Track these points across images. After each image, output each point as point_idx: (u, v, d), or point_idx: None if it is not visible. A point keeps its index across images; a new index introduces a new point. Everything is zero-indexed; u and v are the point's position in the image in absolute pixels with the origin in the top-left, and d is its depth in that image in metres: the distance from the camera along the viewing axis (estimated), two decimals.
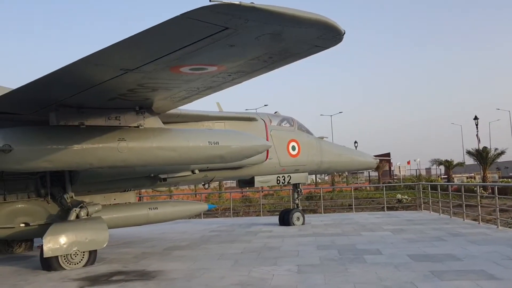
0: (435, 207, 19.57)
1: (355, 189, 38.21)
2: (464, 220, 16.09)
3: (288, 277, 8.11)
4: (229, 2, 4.05)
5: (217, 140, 10.17)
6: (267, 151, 14.96)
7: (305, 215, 17.36)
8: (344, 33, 5.13)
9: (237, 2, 4.13)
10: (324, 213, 24.80)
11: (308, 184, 54.61)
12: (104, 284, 8.21)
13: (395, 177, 72.44)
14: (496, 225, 13.84)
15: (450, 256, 9.31)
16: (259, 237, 13.67)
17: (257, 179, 15.69)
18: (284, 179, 16.40)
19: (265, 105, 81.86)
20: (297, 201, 17.31)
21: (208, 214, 26.80)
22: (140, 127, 9.36)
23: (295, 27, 4.79)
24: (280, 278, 8.05)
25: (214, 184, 32.85)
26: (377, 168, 70.05)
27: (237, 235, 14.44)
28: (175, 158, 9.64)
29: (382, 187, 31.93)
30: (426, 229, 14.03)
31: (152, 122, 9.58)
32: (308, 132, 17.11)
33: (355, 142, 68.85)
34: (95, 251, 10.27)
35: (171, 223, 19.51)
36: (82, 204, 10.75)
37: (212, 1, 3.99)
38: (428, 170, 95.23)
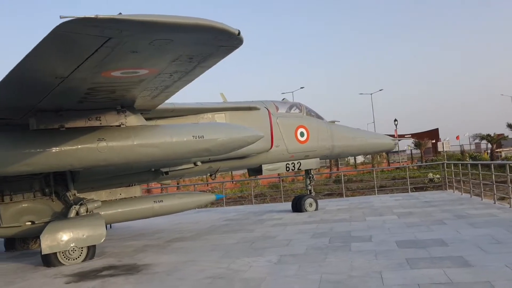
0: (464, 187, 18.82)
1: (397, 168, 37.56)
2: (482, 200, 15.54)
3: (263, 268, 8.16)
4: (82, 17, 4.10)
5: (202, 134, 10.25)
6: (272, 139, 15.02)
7: (327, 199, 17.25)
8: (239, 33, 5.09)
9: (93, 16, 4.15)
10: (351, 196, 24.67)
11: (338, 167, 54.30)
12: (90, 280, 8.53)
13: (438, 154, 70.32)
14: (509, 204, 13.30)
15: (438, 241, 9.08)
16: (264, 226, 13.75)
17: (265, 167, 15.70)
18: (294, 166, 16.34)
19: (301, 88, 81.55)
20: (309, 187, 17.20)
21: (234, 201, 27.28)
22: (122, 125, 9.56)
23: (178, 32, 4.80)
24: (255, 270, 8.12)
25: (243, 172, 33.05)
26: (419, 146, 68.89)
27: (244, 224, 14.58)
28: (158, 154, 9.80)
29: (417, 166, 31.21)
30: (435, 211, 13.68)
31: (134, 120, 9.75)
32: (318, 117, 16.91)
33: (395, 120, 67.30)
34: (94, 246, 10.64)
35: (192, 212, 19.97)
36: (82, 201, 11.15)
37: (62, 18, 4.05)
38: (477, 144, 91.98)
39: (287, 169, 16.28)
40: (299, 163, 16.36)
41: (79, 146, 8.92)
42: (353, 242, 9.86)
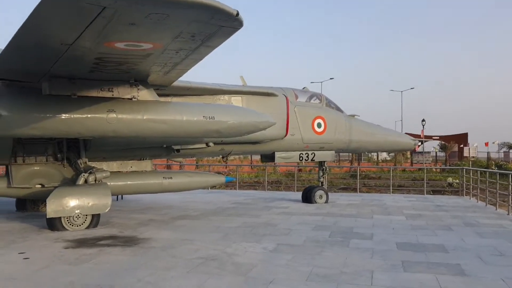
0: (481, 194, 18.41)
1: (419, 169, 36.92)
2: (496, 209, 15.15)
3: (257, 255, 8.15)
4: None
5: (213, 115, 10.23)
6: (287, 127, 14.90)
7: (340, 193, 17.06)
8: (238, 14, 4.99)
9: None
10: (367, 192, 24.41)
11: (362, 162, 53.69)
12: (87, 247, 8.68)
13: (464, 159, 68.87)
14: None
15: (440, 247, 8.90)
16: (270, 213, 13.72)
17: (278, 154, 15.62)
18: (307, 156, 16.20)
19: (330, 78, 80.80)
20: (321, 179, 17.06)
21: (248, 185, 27.35)
22: (134, 99, 9.60)
23: (173, 8, 4.74)
24: (249, 255, 8.11)
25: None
26: (444, 148, 67.60)
27: (250, 209, 14.58)
28: (167, 131, 9.83)
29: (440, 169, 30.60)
30: (445, 216, 13.40)
31: (147, 94, 9.78)
32: (338, 109, 16.69)
33: (423, 120, 66.17)
34: (98, 215, 10.82)
35: (204, 192, 20.12)
36: (91, 170, 11.31)
37: None
38: (506, 153, 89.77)
39: (301, 158, 16.15)
40: (313, 154, 16.21)
41: (89, 115, 9.00)
42: (353, 238, 9.75)
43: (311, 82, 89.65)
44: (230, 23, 5.38)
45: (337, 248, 8.80)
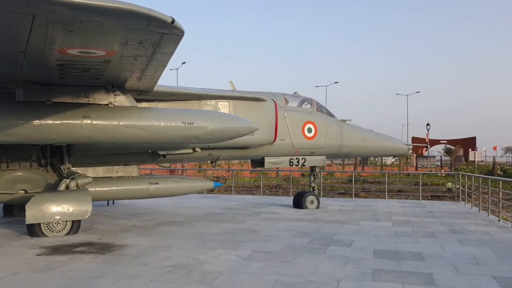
0: (475, 201, 18.18)
1: (423, 174, 36.45)
2: (488, 215, 14.94)
3: (229, 263, 8.06)
4: None
5: (192, 121, 10.17)
6: (276, 132, 14.80)
7: (334, 198, 16.94)
8: (173, 21, 4.93)
9: None
10: (365, 197, 24.17)
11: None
12: (60, 254, 8.63)
13: (470, 163, 68.27)
14: (511, 223, 12.73)
15: (417, 255, 8.75)
16: (257, 219, 13.63)
17: (267, 160, 15.54)
18: (298, 161, 16.10)
19: (335, 82, 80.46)
20: (313, 184, 16.95)
21: (247, 190, 27.25)
22: (110, 105, 9.57)
23: (103, 15, 4.71)
24: (220, 263, 8.02)
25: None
26: (449, 153, 67.09)
27: (239, 215, 14.49)
28: (145, 137, 9.77)
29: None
30: (433, 222, 13.24)
31: (124, 100, 9.74)
32: (329, 114, 16.60)
33: (427, 124, 65.62)
34: (79, 221, 10.78)
35: (198, 197, 20.06)
36: (73, 176, 11.29)
37: None
38: None
39: (291, 164, 16.05)
40: (304, 159, 16.12)
41: (63, 121, 8.98)
42: (332, 245, 9.63)
43: (316, 86, 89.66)
44: (169, 30, 5.35)
45: (312, 255, 8.68)
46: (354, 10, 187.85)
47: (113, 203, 17.11)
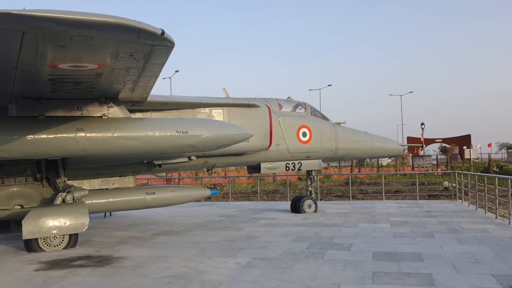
0: (472, 199, 18.20)
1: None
2: (485, 213, 14.97)
3: (228, 271, 8.04)
4: None
5: (186, 130, 10.16)
6: (270, 137, 14.81)
7: (332, 202, 16.93)
8: (163, 33, 4.96)
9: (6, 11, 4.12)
10: (363, 199, 24.16)
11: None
12: (58, 269, 8.57)
13: (466, 161, 68.43)
14: (509, 220, 12.77)
15: (416, 256, 8.76)
16: (254, 225, 13.61)
17: (263, 165, 15.53)
18: (294, 166, 16.09)
19: (329, 85, 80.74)
20: (310, 188, 16.95)
21: (245, 196, 27.19)
22: (104, 117, 9.55)
23: (92, 29, 4.72)
24: (219, 271, 8.00)
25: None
26: (444, 151, 67.29)
27: (236, 222, 14.46)
28: (139, 148, 9.76)
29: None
30: (431, 222, 13.27)
31: (118, 112, 9.73)
32: (323, 117, 16.62)
33: (422, 124, 65.83)
34: (76, 234, 10.72)
35: (195, 205, 20.01)
36: (69, 189, 11.25)
37: None
38: (510, 154, 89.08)
39: (287, 168, 16.05)
40: (300, 164, 16.11)
41: (57, 135, 8.95)
42: (330, 249, 9.62)
43: (310, 90, 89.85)
44: (159, 42, 5.37)
45: (312, 260, 8.67)
46: (346, 11, 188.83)
47: (110, 215, 17.05)
